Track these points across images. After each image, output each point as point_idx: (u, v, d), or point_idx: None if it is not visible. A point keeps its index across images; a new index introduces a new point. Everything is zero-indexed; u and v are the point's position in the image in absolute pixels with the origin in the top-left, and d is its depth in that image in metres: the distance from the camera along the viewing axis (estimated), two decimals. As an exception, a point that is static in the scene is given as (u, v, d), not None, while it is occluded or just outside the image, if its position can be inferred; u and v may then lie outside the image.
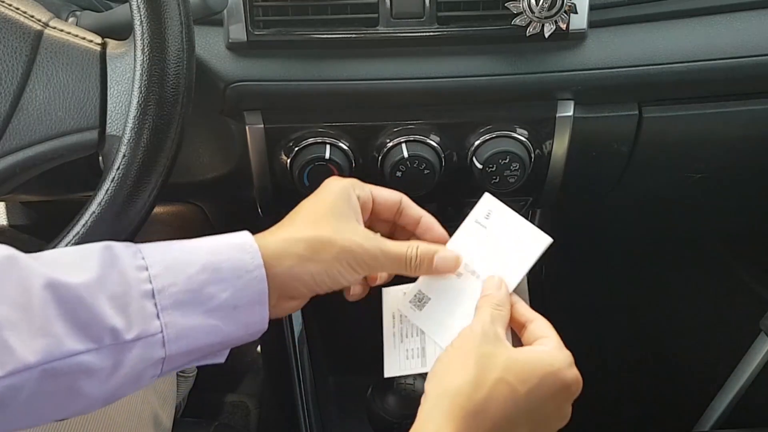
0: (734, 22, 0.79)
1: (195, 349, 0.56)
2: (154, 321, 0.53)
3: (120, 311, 0.52)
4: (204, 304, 0.55)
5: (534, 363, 0.56)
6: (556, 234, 0.66)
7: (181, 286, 0.55)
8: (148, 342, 0.53)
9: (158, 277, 0.54)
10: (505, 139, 0.79)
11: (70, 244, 0.60)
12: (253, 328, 0.58)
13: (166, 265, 0.55)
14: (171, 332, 0.54)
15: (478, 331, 0.58)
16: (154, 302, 0.54)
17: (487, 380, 0.54)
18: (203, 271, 0.55)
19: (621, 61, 0.77)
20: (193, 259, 0.56)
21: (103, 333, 0.51)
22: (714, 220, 1.15)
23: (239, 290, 0.56)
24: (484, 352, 0.56)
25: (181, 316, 0.54)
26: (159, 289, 0.54)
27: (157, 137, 0.60)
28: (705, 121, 0.84)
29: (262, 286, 0.57)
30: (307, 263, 0.59)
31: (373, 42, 0.76)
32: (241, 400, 1.31)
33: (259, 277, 0.57)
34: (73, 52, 0.63)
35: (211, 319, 0.55)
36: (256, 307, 0.57)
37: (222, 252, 0.57)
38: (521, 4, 0.73)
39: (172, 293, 0.54)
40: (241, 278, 0.56)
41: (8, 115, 0.62)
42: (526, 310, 0.63)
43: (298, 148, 0.78)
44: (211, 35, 0.76)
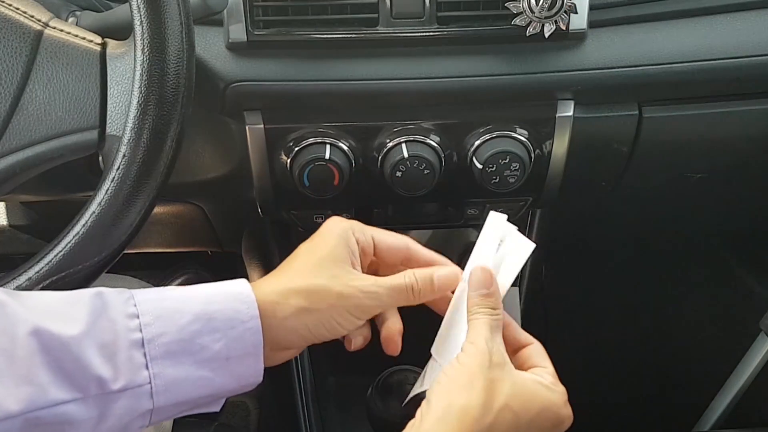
0: (734, 22, 0.79)
1: (184, 401, 0.55)
2: (142, 371, 0.52)
3: (107, 360, 0.51)
4: (195, 354, 0.54)
5: (535, 394, 0.57)
6: (556, 234, 0.66)
7: (173, 335, 0.53)
8: (136, 393, 0.52)
9: (149, 326, 0.53)
10: (505, 139, 0.79)
11: (70, 244, 0.60)
12: (246, 381, 0.57)
13: (158, 314, 0.54)
14: (159, 383, 0.53)
15: (484, 350, 0.57)
16: (143, 352, 0.52)
17: (495, 406, 0.55)
18: (196, 321, 0.54)
19: (621, 61, 0.77)
20: (187, 308, 0.55)
21: (89, 382, 0.50)
22: (714, 219, 1.15)
23: (233, 341, 0.55)
24: (493, 377, 0.56)
25: (171, 367, 0.53)
26: (149, 338, 0.53)
27: (157, 137, 0.60)
28: (705, 121, 0.84)
29: (256, 338, 0.56)
30: (303, 315, 0.57)
31: (373, 42, 0.76)
32: (241, 400, 1.31)
33: (253, 328, 0.56)
34: (73, 52, 0.63)
35: (202, 371, 0.54)
36: (249, 358, 0.56)
37: (217, 301, 0.56)
38: (521, 4, 0.73)
39: (162, 343, 0.53)
40: (234, 329, 0.55)
41: (8, 115, 0.62)
42: (520, 333, 0.62)
43: (298, 148, 0.78)
44: (211, 35, 0.75)
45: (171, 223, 1.05)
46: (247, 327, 0.55)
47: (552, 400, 0.57)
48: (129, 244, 0.62)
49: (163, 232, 1.09)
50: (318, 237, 0.61)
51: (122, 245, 0.62)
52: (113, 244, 0.61)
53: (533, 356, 0.61)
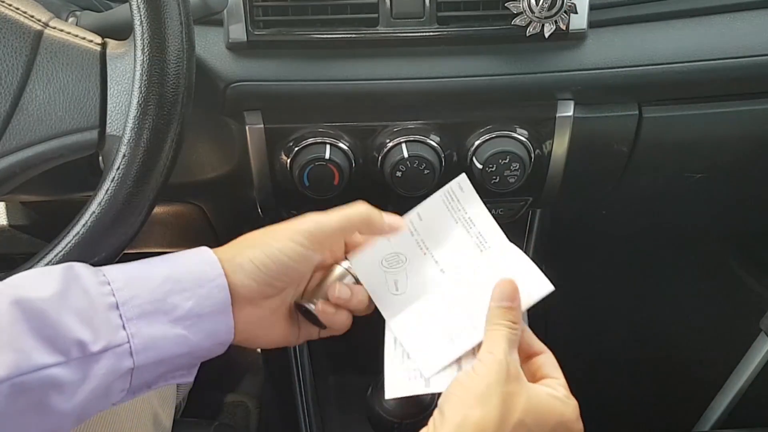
0: (734, 22, 0.79)
1: (164, 359, 0.56)
2: (120, 332, 0.54)
3: (86, 324, 0.53)
4: (168, 313, 0.56)
5: (549, 409, 0.57)
6: (557, 234, 0.66)
7: (145, 297, 0.55)
8: (116, 353, 0.53)
9: (121, 291, 0.55)
10: (505, 139, 0.79)
11: (70, 244, 0.60)
12: (219, 338, 0.59)
13: (127, 279, 0.56)
14: (138, 342, 0.54)
15: (502, 362, 0.57)
16: (118, 314, 0.54)
17: (510, 421, 0.55)
18: (165, 282, 0.56)
19: (621, 61, 0.77)
20: (154, 272, 0.57)
21: (70, 346, 0.52)
22: (714, 219, 1.15)
23: (202, 299, 0.57)
24: (509, 392, 0.56)
25: (147, 326, 0.55)
26: (123, 301, 0.55)
27: (157, 137, 0.60)
28: (705, 121, 0.84)
29: (224, 294, 0.58)
30: (245, 250, 0.60)
31: (373, 42, 0.76)
32: (241, 400, 1.31)
33: (220, 285, 0.58)
34: (73, 52, 0.63)
35: (177, 329, 0.56)
36: (220, 315, 0.58)
37: (182, 264, 0.58)
38: (521, 4, 0.73)
39: (136, 304, 0.55)
40: (202, 287, 0.57)
41: (8, 115, 0.62)
42: (533, 340, 0.63)
43: (298, 148, 0.78)
44: (211, 35, 0.76)
45: (171, 223, 1.04)
46: (214, 285, 0.57)
47: (566, 414, 0.58)
48: (129, 244, 0.62)
49: (163, 232, 1.09)
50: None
51: (122, 245, 0.62)
52: (113, 244, 0.61)
53: (545, 366, 0.61)
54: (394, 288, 0.65)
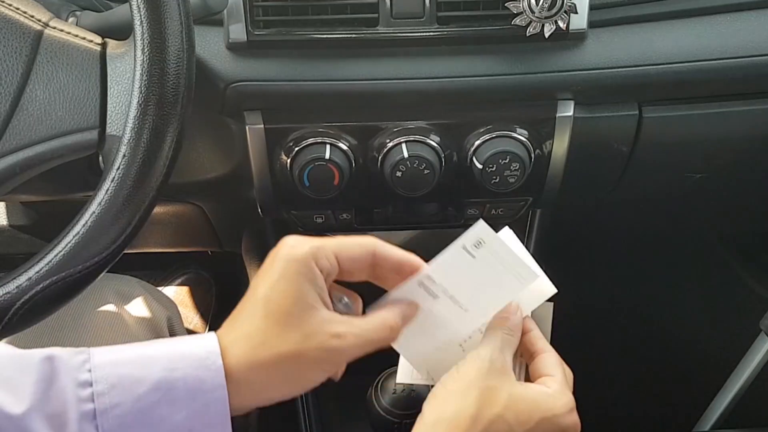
0: (734, 22, 0.79)
1: None
2: None
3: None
4: (153, 427, 0.50)
5: (534, 405, 0.55)
6: (557, 234, 0.66)
7: (129, 406, 0.49)
8: None
9: (103, 396, 0.49)
10: (505, 139, 0.79)
11: (70, 244, 0.59)
12: None
13: (114, 382, 0.50)
14: None
15: (486, 358, 0.56)
16: (95, 424, 0.49)
17: (487, 415, 0.53)
18: (155, 391, 0.50)
19: (621, 61, 0.77)
20: (146, 375, 0.50)
21: None
22: (714, 220, 1.15)
23: (195, 413, 0.50)
24: (489, 386, 0.54)
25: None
26: (102, 409, 0.49)
27: (157, 137, 0.60)
28: (705, 121, 0.84)
29: (222, 408, 0.51)
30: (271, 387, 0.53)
31: (373, 42, 0.76)
32: (241, 400, 1.31)
33: (220, 398, 0.51)
34: (73, 52, 0.63)
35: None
36: (215, 429, 0.52)
37: (180, 368, 0.51)
38: (521, 4, 0.73)
39: (116, 415, 0.49)
40: (198, 400, 0.50)
41: (8, 115, 0.62)
42: (538, 340, 0.61)
43: (298, 148, 0.78)
44: (211, 35, 0.75)
45: (171, 223, 1.05)
46: (212, 397, 0.51)
47: (552, 409, 0.56)
48: (129, 244, 0.62)
49: (163, 232, 1.09)
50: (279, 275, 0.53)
51: (122, 245, 0.62)
52: (113, 244, 0.61)
53: (544, 365, 0.60)
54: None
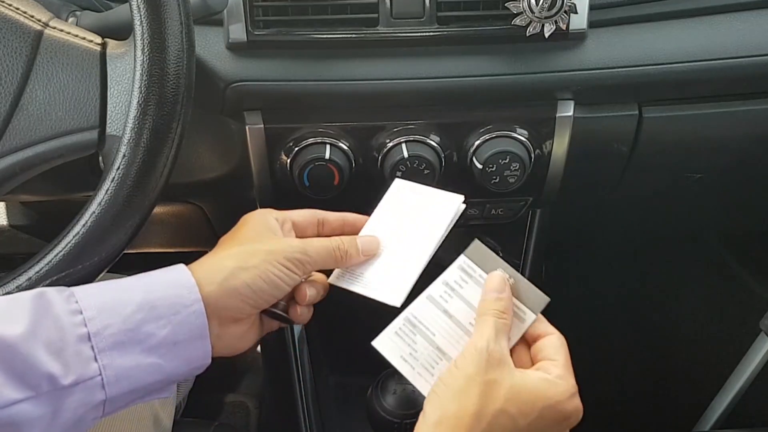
0: (734, 22, 0.79)
1: (137, 388, 0.55)
2: (91, 364, 0.53)
3: (56, 357, 0.52)
4: (142, 342, 0.55)
5: (536, 394, 0.56)
6: (557, 233, 0.66)
7: (118, 326, 0.54)
8: (87, 386, 0.53)
9: (93, 320, 0.54)
10: (505, 139, 0.79)
11: (70, 244, 0.60)
12: (195, 363, 0.58)
13: (101, 307, 0.55)
14: (110, 374, 0.54)
15: (483, 349, 0.56)
16: (90, 345, 0.53)
17: (489, 411, 0.54)
18: (139, 310, 0.55)
19: (621, 61, 0.77)
20: (128, 298, 0.56)
21: (40, 380, 0.51)
22: (714, 220, 1.15)
23: (178, 326, 0.56)
24: (489, 380, 0.55)
25: (120, 357, 0.54)
26: (95, 331, 0.54)
27: (157, 137, 0.60)
28: (705, 121, 0.84)
29: (201, 320, 0.57)
30: (239, 273, 0.59)
31: (373, 42, 0.76)
32: (241, 400, 1.31)
33: (197, 311, 0.57)
34: (73, 52, 0.63)
35: (151, 358, 0.55)
36: (197, 341, 0.57)
37: (157, 289, 0.57)
38: (521, 4, 0.73)
39: (109, 334, 0.54)
40: (178, 314, 0.56)
41: (8, 115, 0.62)
42: (539, 323, 0.61)
43: (298, 148, 0.78)
44: (211, 35, 0.75)
45: (171, 223, 1.04)
46: (191, 311, 0.57)
47: (554, 396, 0.56)
48: (129, 244, 0.62)
49: (163, 232, 1.09)
50: (236, 226, 0.65)
51: (122, 245, 0.62)
52: (113, 244, 0.61)
53: (545, 348, 0.59)
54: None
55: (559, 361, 0.58)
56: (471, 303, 0.62)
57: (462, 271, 0.65)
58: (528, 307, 0.62)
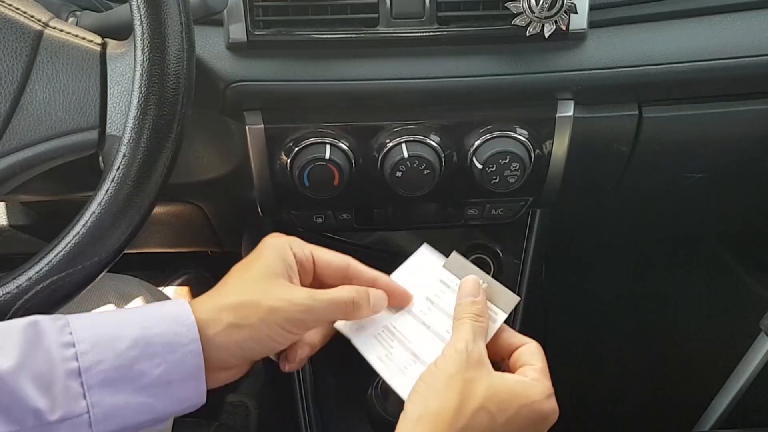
0: (734, 22, 0.79)
1: (125, 427, 0.54)
2: (80, 401, 0.51)
3: (44, 391, 0.50)
4: (134, 381, 0.53)
5: (513, 393, 0.57)
6: (557, 234, 0.66)
7: (110, 362, 0.52)
8: (74, 423, 0.51)
9: (85, 355, 0.52)
10: (505, 139, 0.79)
11: (70, 244, 0.59)
12: (188, 403, 0.56)
13: (95, 341, 0.53)
14: (98, 412, 0.52)
15: (462, 350, 0.57)
16: (80, 381, 0.52)
17: (469, 408, 0.54)
18: (134, 347, 0.53)
19: (621, 61, 0.77)
20: (124, 333, 0.54)
21: (25, 415, 0.50)
22: (714, 220, 1.15)
23: (173, 365, 0.54)
24: (469, 378, 0.56)
25: (110, 395, 0.52)
26: (86, 367, 0.52)
27: (157, 137, 0.60)
28: (705, 121, 0.84)
29: (197, 361, 0.55)
30: (233, 331, 0.56)
31: (373, 42, 0.76)
32: (241, 400, 1.31)
33: (194, 351, 0.55)
34: (73, 52, 0.63)
35: (142, 397, 0.53)
36: (191, 382, 0.55)
37: (155, 325, 0.55)
38: (521, 4, 0.73)
39: (100, 371, 0.52)
40: (175, 352, 0.54)
41: (8, 115, 0.62)
42: (513, 336, 0.62)
43: (298, 148, 0.78)
44: (211, 35, 0.75)
45: (171, 223, 1.05)
46: (188, 350, 0.55)
47: (531, 396, 0.57)
48: (129, 244, 0.62)
49: (163, 232, 1.09)
50: (254, 253, 0.61)
51: (122, 245, 0.62)
52: (113, 244, 0.61)
53: (523, 355, 0.61)
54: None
55: (536, 365, 0.60)
56: (449, 312, 0.64)
57: (441, 283, 0.66)
58: (499, 308, 0.63)
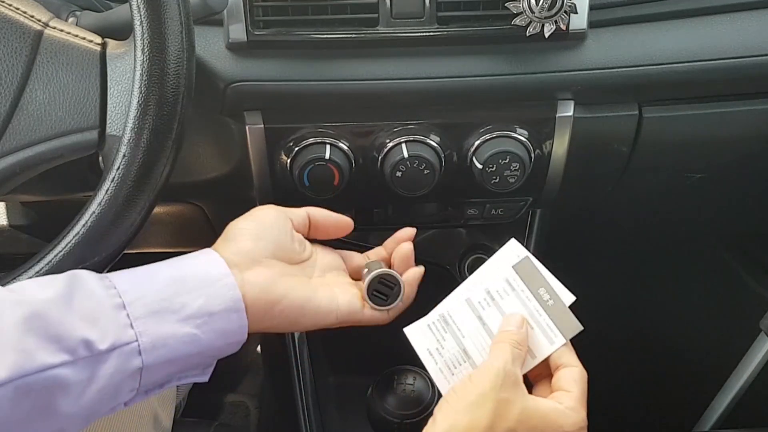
0: (734, 22, 0.79)
1: (174, 358, 0.55)
2: (127, 330, 0.53)
3: (92, 324, 0.52)
4: (177, 312, 0.55)
5: (546, 421, 0.57)
6: (556, 234, 0.66)
7: (152, 297, 0.54)
8: (124, 351, 0.52)
9: (127, 292, 0.54)
10: (505, 139, 0.79)
11: (70, 244, 0.60)
12: (232, 338, 0.58)
13: (133, 282, 0.55)
14: (146, 340, 0.53)
15: (500, 369, 0.57)
16: (126, 313, 0.53)
17: (500, 428, 0.55)
18: (172, 284, 0.56)
19: (621, 61, 0.77)
20: (160, 275, 0.57)
21: (76, 345, 0.51)
22: (714, 220, 1.15)
23: (211, 297, 0.56)
24: (503, 398, 0.56)
25: (156, 324, 0.54)
26: (129, 301, 0.54)
27: (157, 137, 0.60)
28: (705, 121, 0.84)
29: (234, 293, 0.57)
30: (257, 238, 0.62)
31: (373, 42, 0.76)
32: (241, 400, 1.31)
33: (229, 283, 0.57)
34: (73, 52, 0.63)
35: (187, 327, 0.55)
36: (232, 314, 0.57)
37: (187, 266, 0.58)
38: (521, 4, 0.73)
39: (143, 304, 0.54)
40: (211, 286, 0.57)
41: (8, 115, 0.62)
42: (564, 353, 0.62)
43: (298, 148, 0.78)
44: (211, 35, 0.75)
45: (171, 223, 1.04)
46: (222, 283, 0.57)
47: (563, 426, 0.57)
48: (129, 244, 0.62)
49: (163, 232, 1.09)
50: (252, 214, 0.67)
51: (122, 245, 0.62)
52: (113, 245, 0.61)
53: (562, 379, 0.61)
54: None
55: (573, 393, 0.59)
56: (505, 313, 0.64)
57: (507, 284, 0.66)
58: (560, 331, 0.63)
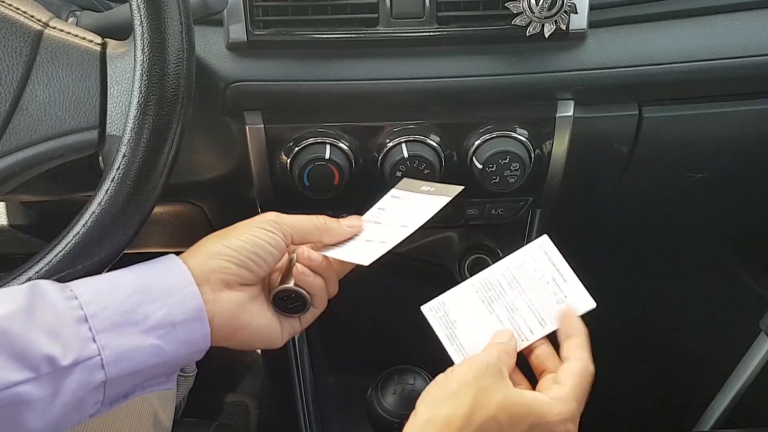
0: (734, 22, 0.79)
1: (137, 370, 0.55)
2: (90, 344, 0.53)
3: (54, 339, 0.52)
4: (140, 324, 0.55)
5: (528, 409, 0.56)
6: (556, 234, 0.66)
7: (114, 309, 0.54)
8: (87, 366, 0.53)
9: (89, 304, 0.54)
10: (505, 139, 0.79)
11: (70, 244, 0.60)
12: (195, 347, 0.58)
13: (95, 293, 0.55)
14: (109, 354, 0.53)
15: (483, 362, 0.57)
16: (88, 326, 0.53)
17: (480, 416, 0.54)
18: (134, 294, 0.55)
19: (621, 61, 0.77)
20: (122, 284, 0.56)
21: (39, 362, 0.51)
22: (714, 220, 1.15)
23: (174, 308, 0.56)
24: (483, 385, 0.56)
25: (118, 338, 0.54)
26: (91, 314, 0.54)
27: (157, 137, 0.60)
28: (705, 121, 0.84)
29: (197, 302, 0.57)
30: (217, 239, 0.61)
31: (373, 42, 0.76)
32: (241, 400, 1.31)
33: (192, 292, 0.57)
34: (73, 52, 0.63)
35: (150, 338, 0.55)
36: (194, 323, 0.57)
37: (149, 275, 0.57)
38: (521, 4, 0.73)
39: (105, 316, 0.54)
40: (173, 296, 0.56)
41: (8, 115, 0.62)
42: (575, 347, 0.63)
43: (298, 148, 0.78)
44: (211, 35, 0.75)
45: (171, 223, 1.04)
46: (185, 293, 0.57)
47: (546, 416, 0.56)
48: (129, 244, 0.62)
49: (163, 232, 1.09)
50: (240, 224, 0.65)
51: (122, 245, 0.62)
52: (113, 244, 0.61)
53: (561, 372, 0.61)
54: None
55: (565, 385, 0.59)
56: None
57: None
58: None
